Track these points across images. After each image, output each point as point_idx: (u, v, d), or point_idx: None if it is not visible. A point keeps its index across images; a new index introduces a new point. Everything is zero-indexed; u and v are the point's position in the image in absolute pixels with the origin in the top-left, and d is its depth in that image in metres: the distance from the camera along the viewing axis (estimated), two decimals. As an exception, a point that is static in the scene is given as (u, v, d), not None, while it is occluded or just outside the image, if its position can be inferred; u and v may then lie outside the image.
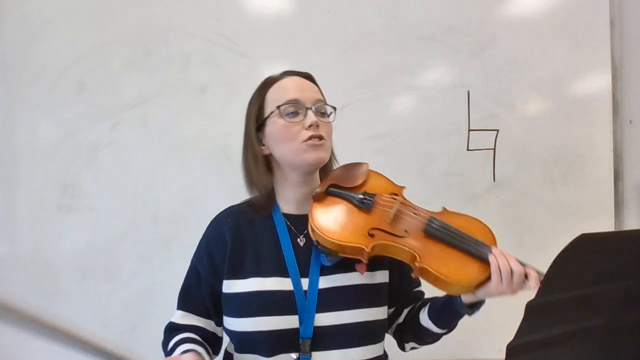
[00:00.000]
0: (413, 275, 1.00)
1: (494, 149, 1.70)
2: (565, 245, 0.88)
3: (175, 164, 1.70)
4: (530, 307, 0.64)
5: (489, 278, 0.98)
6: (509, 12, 1.72)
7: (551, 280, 0.66)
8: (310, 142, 1.03)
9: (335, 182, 1.07)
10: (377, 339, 1.08)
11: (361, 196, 1.06)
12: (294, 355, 1.00)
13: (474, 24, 1.70)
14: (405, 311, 1.16)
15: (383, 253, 1.02)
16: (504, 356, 0.65)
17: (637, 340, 0.75)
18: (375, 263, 1.06)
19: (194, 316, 1.10)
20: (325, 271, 1.04)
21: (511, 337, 0.65)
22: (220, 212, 1.15)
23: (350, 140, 1.68)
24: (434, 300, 1.11)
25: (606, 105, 1.70)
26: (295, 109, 1.05)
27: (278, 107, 1.05)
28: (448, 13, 1.70)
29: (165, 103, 1.71)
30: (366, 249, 0.98)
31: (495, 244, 1.03)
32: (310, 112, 1.05)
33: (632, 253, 0.72)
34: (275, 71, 1.15)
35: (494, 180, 1.69)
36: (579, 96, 1.70)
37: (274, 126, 1.06)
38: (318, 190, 1.06)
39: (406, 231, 1.03)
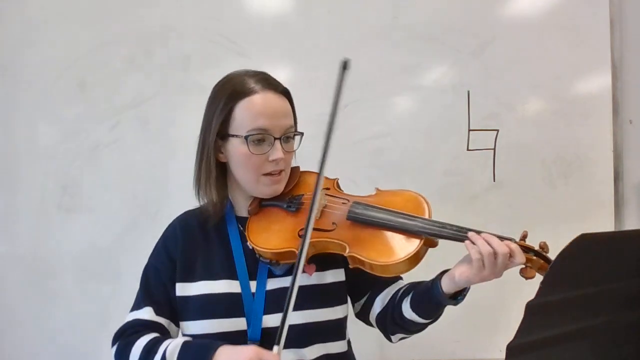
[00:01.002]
0: (350, 266, 0.99)
1: (494, 149, 1.70)
2: (565, 245, 0.89)
3: (175, 164, 1.70)
4: (530, 307, 0.64)
5: (421, 248, 0.96)
6: (509, 12, 1.72)
7: (551, 280, 0.66)
8: (269, 177, 1.05)
9: None
10: (333, 338, 1.06)
11: (287, 200, 1.08)
12: None
13: (474, 24, 1.70)
14: (379, 300, 1.11)
15: (317, 251, 1.02)
16: (504, 356, 0.65)
17: (637, 340, 0.75)
18: (326, 263, 1.06)
19: (159, 317, 1.07)
20: (274, 273, 1.04)
21: (511, 337, 0.65)
22: (176, 217, 1.15)
23: (351, 140, 1.69)
24: (415, 290, 1.04)
25: (606, 105, 1.70)
26: (262, 137, 1.02)
27: (245, 137, 1.01)
28: (448, 13, 1.70)
29: (165, 103, 1.71)
30: (295, 251, 0.99)
31: (426, 211, 1.01)
32: (277, 145, 1.03)
33: (632, 253, 0.72)
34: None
35: (494, 180, 1.69)
36: (579, 96, 1.70)
37: (237, 150, 1.04)
38: (251, 207, 1.09)
39: (334, 223, 1.03)
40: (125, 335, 1.04)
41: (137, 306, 1.08)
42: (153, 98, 1.71)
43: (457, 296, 0.98)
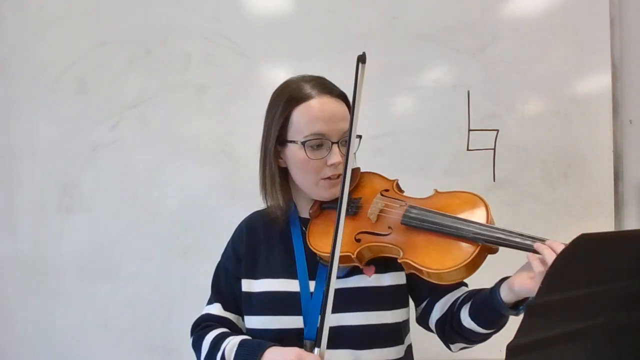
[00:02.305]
0: (405, 272, 0.98)
1: (494, 149, 1.70)
2: (565, 245, 0.88)
3: (175, 164, 1.70)
4: (530, 307, 0.64)
5: (477, 255, 0.91)
6: (509, 12, 1.72)
7: (551, 280, 0.66)
8: (328, 180, 1.05)
9: None
10: (389, 342, 1.05)
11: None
12: None
13: (474, 24, 1.70)
14: (438, 306, 1.08)
15: (373, 255, 1.01)
16: (504, 356, 0.65)
17: (637, 340, 0.75)
18: (387, 265, 1.05)
19: (228, 312, 1.12)
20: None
21: (511, 337, 0.65)
22: (244, 218, 1.19)
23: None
24: (475, 298, 1.00)
25: (606, 105, 1.70)
26: (320, 142, 1.03)
27: (302, 143, 1.02)
28: (448, 13, 1.70)
29: (165, 103, 1.71)
30: (352, 255, 0.99)
31: (485, 215, 0.97)
32: (335, 149, 1.03)
33: (632, 253, 0.72)
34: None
35: (494, 180, 1.69)
36: (579, 96, 1.70)
37: (295, 154, 1.05)
38: (312, 210, 1.09)
39: (390, 227, 1.01)
40: (199, 329, 1.10)
41: (209, 301, 1.14)
42: (153, 98, 1.71)
43: (519, 306, 0.92)
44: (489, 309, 0.95)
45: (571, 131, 1.69)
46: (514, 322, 0.65)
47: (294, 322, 1.02)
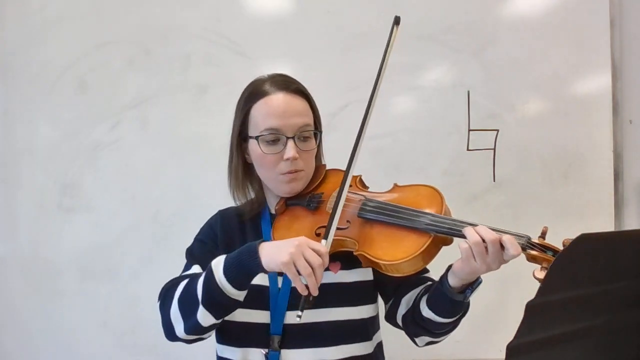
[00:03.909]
0: (363, 266, 1.00)
1: (494, 149, 1.70)
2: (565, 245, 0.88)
3: (175, 164, 1.70)
4: (530, 307, 0.64)
5: (429, 246, 0.93)
6: (509, 12, 1.72)
7: (551, 280, 0.66)
8: (286, 175, 1.06)
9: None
10: (356, 339, 1.06)
11: (308, 199, 1.09)
12: (262, 351, 1.01)
13: (474, 24, 1.70)
14: (404, 301, 1.09)
15: (333, 249, 1.01)
16: (504, 356, 0.65)
17: (637, 340, 0.75)
18: (353, 261, 1.05)
19: None
20: None
21: (511, 337, 0.65)
22: (223, 209, 1.19)
23: (350, 140, 1.68)
24: (432, 287, 1.03)
25: (606, 105, 1.70)
26: (274, 137, 1.04)
27: (256, 138, 1.04)
28: (448, 13, 1.70)
29: (165, 103, 1.71)
30: None
31: (440, 207, 0.99)
32: (290, 144, 1.04)
33: (632, 253, 0.72)
34: (275, 72, 1.14)
35: (494, 180, 1.69)
36: (579, 96, 1.70)
37: (253, 150, 1.07)
38: (277, 206, 1.10)
39: (348, 221, 1.03)
40: (170, 284, 1.02)
41: (184, 270, 1.08)
42: (153, 98, 1.71)
43: (466, 290, 0.95)
44: (441, 295, 0.97)
45: (571, 131, 1.69)
46: (514, 322, 0.65)
47: (261, 316, 1.03)
